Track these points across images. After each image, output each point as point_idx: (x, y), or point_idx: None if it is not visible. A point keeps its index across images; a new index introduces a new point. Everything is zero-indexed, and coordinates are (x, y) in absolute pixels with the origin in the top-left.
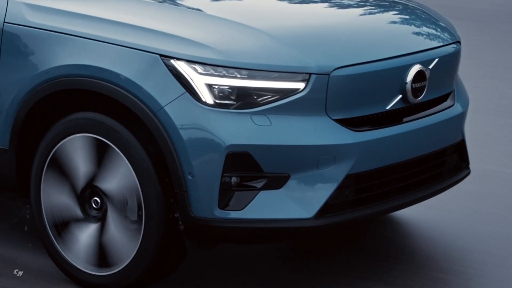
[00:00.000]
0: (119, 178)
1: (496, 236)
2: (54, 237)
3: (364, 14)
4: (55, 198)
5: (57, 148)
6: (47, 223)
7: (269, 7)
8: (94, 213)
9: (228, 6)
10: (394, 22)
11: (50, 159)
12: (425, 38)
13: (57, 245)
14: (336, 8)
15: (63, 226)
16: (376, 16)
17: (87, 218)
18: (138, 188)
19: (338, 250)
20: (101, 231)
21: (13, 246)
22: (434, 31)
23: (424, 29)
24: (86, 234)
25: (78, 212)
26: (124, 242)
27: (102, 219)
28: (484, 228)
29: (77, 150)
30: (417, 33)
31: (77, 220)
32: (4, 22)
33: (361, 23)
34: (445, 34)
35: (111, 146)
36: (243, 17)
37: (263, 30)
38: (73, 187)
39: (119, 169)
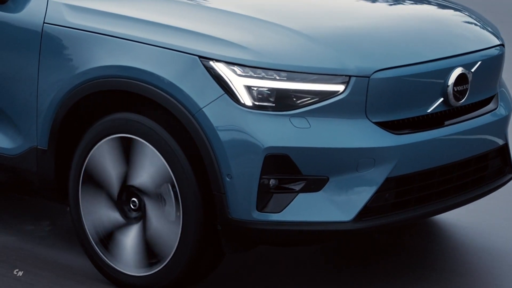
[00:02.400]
0: (153, 172)
1: None
2: (102, 253)
3: (405, 16)
4: (95, 213)
5: (88, 160)
6: (93, 241)
7: (307, 7)
8: (134, 214)
9: (266, 7)
10: (436, 24)
11: (84, 174)
12: (467, 41)
13: (107, 259)
14: (376, 9)
15: (108, 238)
16: (418, 17)
17: (128, 221)
18: (176, 188)
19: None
20: (144, 228)
21: (51, 246)
22: (476, 34)
23: (467, 31)
24: (131, 237)
25: (119, 218)
26: (167, 232)
27: (142, 217)
28: None
29: (105, 156)
30: (460, 35)
31: (120, 227)
32: (44, 23)
33: (402, 25)
34: (488, 37)
35: (147, 146)
36: (282, 18)
37: (302, 32)
38: (109, 195)
39: (152, 163)
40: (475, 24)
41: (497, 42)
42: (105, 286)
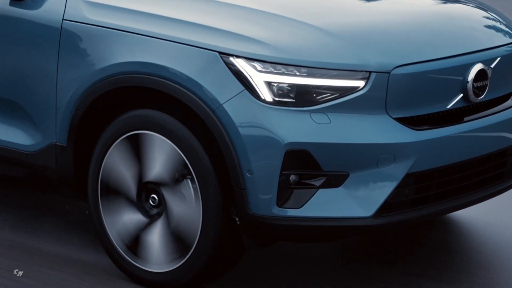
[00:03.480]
0: (164, 160)
1: None
2: (133, 260)
3: (424, 12)
4: (118, 221)
5: (103, 169)
6: (121, 251)
7: (327, 3)
8: (155, 210)
9: (285, 3)
10: (455, 20)
11: (101, 187)
12: (487, 37)
13: (139, 265)
14: (396, 5)
15: (135, 243)
16: (437, 13)
17: (151, 219)
18: (196, 184)
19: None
20: (168, 220)
21: (67, 242)
22: (496, 30)
23: (486, 28)
24: (157, 234)
25: (141, 218)
26: (191, 215)
27: (164, 211)
28: None
29: (118, 161)
30: (479, 32)
31: (144, 228)
32: (63, 19)
33: (421, 21)
34: (508, 33)
35: (141, 135)
36: (302, 14)
37: (322, 28)
38: (128, 198)
39: (161, 152)
40: (494, 20)
41: None
42: (114, 279)
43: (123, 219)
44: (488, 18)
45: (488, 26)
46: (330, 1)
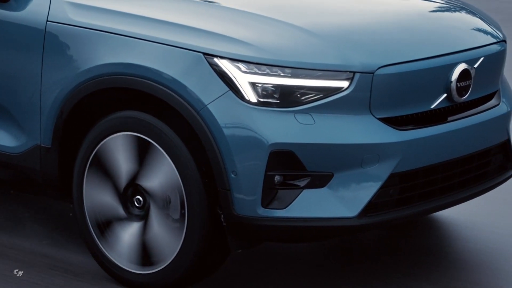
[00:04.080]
0: (162, 176)
1: None
2: (97, 237)
3: (408, 12)
4: (98, 197)
5: (100, 147)
6: (89, 223)
7: (311, 4)
8: (136, 211)
9: (269, 4)
10: (439, 20)
11: (93, 157)
12: (470, 37)
13: (100, 245)
14: (380, 5)
15: (106, 225)
16: (421, 13)
17: (130, 217)
18: (180, 186)
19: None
20: (144, 229)
21: (56, 245)
22: (479, 30)
23: (469, 28)
24: (129, 233)
25: (121, 211)
26: (167, 240)
27: (144, 218)
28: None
29: (119, 149)
30: (462, 32)
31: (120, 219)
32: (47, 21)
33: (405, 21)
34: (491, 33)
35: (153, 144)
36: (286, 15)
37: (306, 28)
38: (115, 186)
39: (162, 167)
40: (477, 20)
41: (499, 38)
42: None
43: (103, 199)
44: (471, 18)
45: (472, 26)
46: (314, 2)
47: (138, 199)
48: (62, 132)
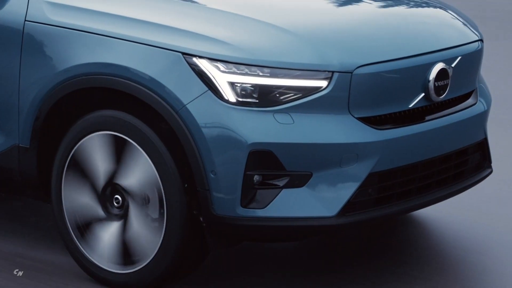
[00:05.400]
0: (140, 175)
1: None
2: (77, 239)
3: (386, 12)
4: (77, 199)
5: (77, 148)
6: (69, 225)
7: (290, 3)
8: (116, 211)
9: (248, 4)
10: (417, 20)
11: (70, 160)
12: (448, 36)
13: (80, 246)
14: (358, 5)
15: (86, 227)
16: (399, 13)
17: (109, 216)
18: (159, 185)
19: (355, 248)
20: (124, 228)
21: (34, 244)
22: (456, 29)
23: (447, 27)
24: (109, 233)
25: (100, 211)
26: (148, 238)
27: (124, 217)
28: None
29: (97, 148)
30: (440, 31)
31: (99, 220)
32: (25, 20)
33: (383, 21)
34: (468, 32)
35: (130, 142)
36: (265, 14)
37: (285, 28)
38: (93, 187)
39: (140, 166)
40: (455, 20)
41: (476, 37)
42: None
43: (82, 201)
44: (449, 17)
45: (449, 26)
46: (293, 2)
47: (117, 198)
48: (41, 132)
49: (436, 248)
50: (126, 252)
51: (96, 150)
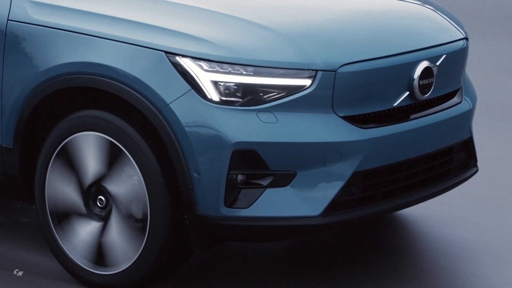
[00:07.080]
0: (127, 182)
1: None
2: (53, 225)
3: (371, 10)
4: (60, 188)
5: (70, 140)
6: (48, 210)
7: (274, 2)
8: (97, 211)
9: (232, 2)
10: (401, 18)
11: (61, 149)
12: (432, 34)
13: (56, 233)
14: (342, 4)
15: (64, 216)
16: (383, 12)
17: (89, 214)
18: (143, 184)
19: (340, 248)
20: (102, 231)
21: (19, 245)
22: (441, 28)
23: (432, 26)
24: (86, 231)
25: (81, 207)
26: (124, 247)
27: (104, 219)
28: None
29: (90, 147)
30: (425, 29)
31: (79, 215)
32: (8, 20)
33: (368, 19)
34: (453, 31)
35: (114, 143)
36: (248, 13)
37: (269, 26)
38: (79, 182)
39: (127, 172)
40: (439, 18)
41: (461, 35)
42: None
43: (65, 192)
44: (433, 15)
45: (434, 24)
46: (277, 0)
47: (101, 199)
48: (24, 132)
49: (422, 248)
50: (99, 254)
51: (89, 148)
